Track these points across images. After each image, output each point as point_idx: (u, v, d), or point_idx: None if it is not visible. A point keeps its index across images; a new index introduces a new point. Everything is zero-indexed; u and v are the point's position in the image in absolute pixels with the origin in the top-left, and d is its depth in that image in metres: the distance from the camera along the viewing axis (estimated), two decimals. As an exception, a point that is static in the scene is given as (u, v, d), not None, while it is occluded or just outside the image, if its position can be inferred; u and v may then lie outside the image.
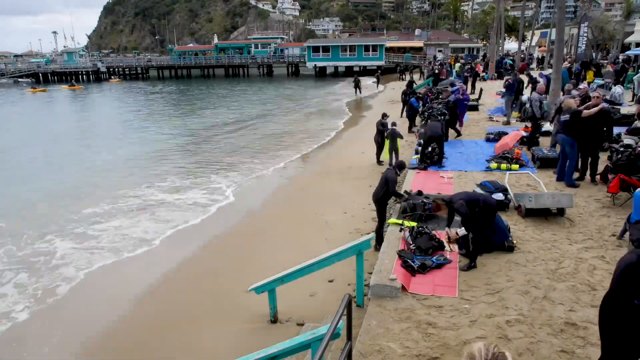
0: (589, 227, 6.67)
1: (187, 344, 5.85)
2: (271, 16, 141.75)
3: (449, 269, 5.70)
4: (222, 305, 6.69)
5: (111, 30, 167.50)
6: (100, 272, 7.92)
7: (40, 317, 6.67)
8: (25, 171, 15.19)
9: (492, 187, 7.78)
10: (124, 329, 6.30)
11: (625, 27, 47.69)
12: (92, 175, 14.35)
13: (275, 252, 8.08)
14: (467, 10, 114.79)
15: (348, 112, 26.45)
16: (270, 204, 11.06)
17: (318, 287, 6.67)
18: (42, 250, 8.79)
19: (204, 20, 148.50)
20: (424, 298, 5.10)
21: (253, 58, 64.46)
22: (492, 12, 54.27)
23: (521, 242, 6.25)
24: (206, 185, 12.73)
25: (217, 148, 17.96)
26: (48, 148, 19.28)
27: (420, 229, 6.47)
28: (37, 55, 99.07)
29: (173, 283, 7.46)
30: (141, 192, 12.19)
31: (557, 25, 15.70)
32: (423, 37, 71.36)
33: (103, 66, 64.46)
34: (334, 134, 19.69)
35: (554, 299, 4.87)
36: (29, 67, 63.52)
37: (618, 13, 67.97)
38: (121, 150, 18.20)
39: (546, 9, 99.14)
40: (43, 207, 11.21)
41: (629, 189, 7.27)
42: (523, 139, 11.58)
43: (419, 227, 6.55)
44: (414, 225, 6.78)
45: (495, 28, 34.81)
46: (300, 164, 15.12)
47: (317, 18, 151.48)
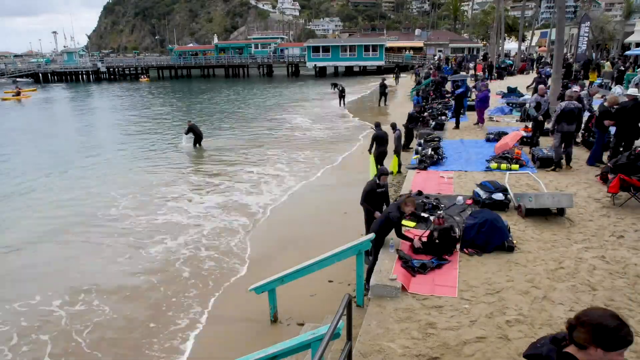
0: (589, 227, 6.67)
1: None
2: (271, 16, 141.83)
3: (449, 269, 5.70)
4: (222, 304, 6.70)
5: (111, 30, 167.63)
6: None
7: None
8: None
9: (492, 187, 7.78)
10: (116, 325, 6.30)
11: (625, 27, 47.73)
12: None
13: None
14: (467, 10, 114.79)
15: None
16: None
17: (318, 287, 6.67)
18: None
19: (204, 20, 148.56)
20: (424, 298, 5.09)
21: (253, 58, 64.46)
22: (492, 12, 54.30)
23: (521, 242, 6.25)
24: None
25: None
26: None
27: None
28: (37, 55, 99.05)
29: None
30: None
31: (557, 25, 15.72)
32: (423, 37, 71.39)
33: (103, 66, 64.47)
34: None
35: (554, 299, 4.87)
36: (28, 67, 63.55)
37: (618, 13, 68.05)
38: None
39: (546, 9, 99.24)
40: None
41: (629, 189, 7.28)
42: (523, 139, 11.59)
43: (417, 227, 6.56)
44: (413, 226, 6.78)
45: (495, 28, 34.88)
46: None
47: (317, 18, 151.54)
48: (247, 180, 13.22)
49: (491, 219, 6.19)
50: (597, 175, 8.78)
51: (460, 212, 7.50)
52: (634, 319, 4.46)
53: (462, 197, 8.01)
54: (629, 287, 5.02)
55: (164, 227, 9.77)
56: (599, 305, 4.70)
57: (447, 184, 9.28)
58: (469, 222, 6.35)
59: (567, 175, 9.28)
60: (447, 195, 8.43)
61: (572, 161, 9.84)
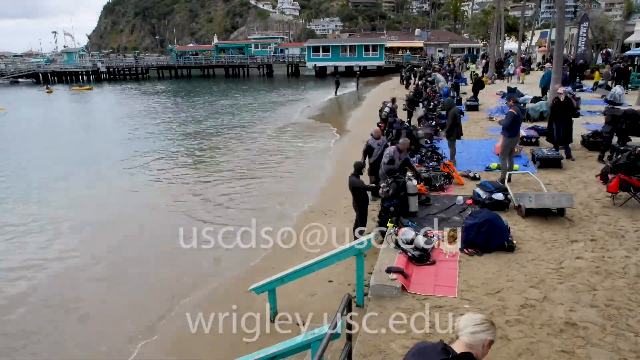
0: (589, 227, 6.67)
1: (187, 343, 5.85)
2: (271, 16, 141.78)
3: (449, 268, 5.70)
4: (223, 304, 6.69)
5: (111, 30, 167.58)
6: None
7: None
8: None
9: (492, 187, 7.78)
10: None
11: (625, 27, 47.64)
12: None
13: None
14: (467, 10, 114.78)
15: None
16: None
17: (318, 287, 6.67)
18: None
19: (204, 20, 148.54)
20: (424, 298, 5.09)
21: (253, 58, 64.45)
22: (492, 12, 54.23)
23: (521, 242, 6.25)
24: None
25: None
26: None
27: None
28: (37, 55, 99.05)
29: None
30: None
31: (557, 25, 15.70)
32: (423, 37, 71.35)
33: (103, 66, 64.46)
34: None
35: (554, 299, 4.87)
36: (28, 67, 63.53)
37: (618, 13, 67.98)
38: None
39: (546, 9, 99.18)
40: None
41: (628, 189, 7.28)
42: (523, 139, 11.59)
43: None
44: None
45: (495, 28, 34.83)
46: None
47: (317, 18, 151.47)
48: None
49: (491, 219, 6.20)
50: (597, 175, 8.79)
51: (460, 212, 7.51)
52: (634, 319, 4.46)
53: (462, 197, 8.02)
54: (629, 287, 5.02)
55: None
56: (599, 305, 4.71)
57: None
58: (469, 222, 6.36)
59: (567, 175, 9.28)
60: (447, 195, 8.44)
61: (571, 162, 9.95)
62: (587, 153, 10.81)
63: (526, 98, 18.32)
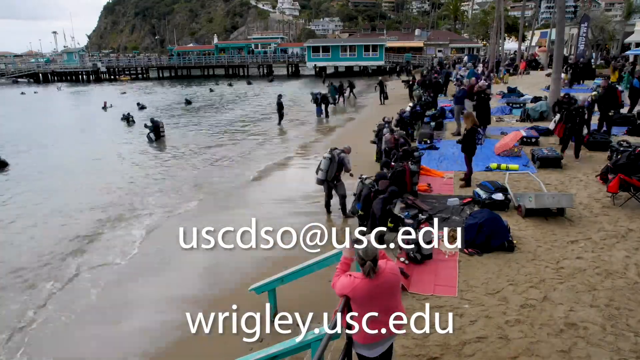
0: (589, 227, 6.67)
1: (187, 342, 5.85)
2: (271, 16, 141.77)
3: (449, 268, 5.70)
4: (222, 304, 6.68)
5: (111, 30, 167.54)
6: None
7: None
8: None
9: (492, 187, 7.78)
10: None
11: (625, 27, 47.66)
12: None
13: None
14: (467, 10, 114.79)
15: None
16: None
17: (318, 287, 6.66)
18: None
19: (204, 20, 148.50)
20: (424, 298, 5.10)
21: (253, 58, 64.46)
22: (492, 12, 54.23)
23: (521, 242, 6.25)
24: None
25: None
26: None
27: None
28: (37, 55, 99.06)
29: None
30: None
31: (557, 25, 15.72)
32: (423, 37, 71.29)
33: (103, 66, 64.45)
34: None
35: (554, 299, 4.87)
36: (28, 67, 63.53)
37: (618, 13, 68.04)
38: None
39: (546, 9, 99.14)
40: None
41: (629, 188, 7.28)
42: (523, 139, 11.59)
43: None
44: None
45: (495, 28, 34.85)
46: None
47: (317, 18, 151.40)
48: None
49: (491, 219, 6.20)
50: (597, 175, 8.79)
51: (460, 212, 7.52)
52: (634, 319, 4.47)
53: (457, 199, 8.01)
54: (629, 287, 5.03)
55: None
56: (599, 305, 4.71)
57: (447, 184, 9.29)
58: (469, 222, 6.36)
59: (567, 175, 9.28)
60: (444, 196, 8.44)
61: (571, 162, 9.99)
62: (587, 153, 10.82)
63: (526, 98, 18.33)
